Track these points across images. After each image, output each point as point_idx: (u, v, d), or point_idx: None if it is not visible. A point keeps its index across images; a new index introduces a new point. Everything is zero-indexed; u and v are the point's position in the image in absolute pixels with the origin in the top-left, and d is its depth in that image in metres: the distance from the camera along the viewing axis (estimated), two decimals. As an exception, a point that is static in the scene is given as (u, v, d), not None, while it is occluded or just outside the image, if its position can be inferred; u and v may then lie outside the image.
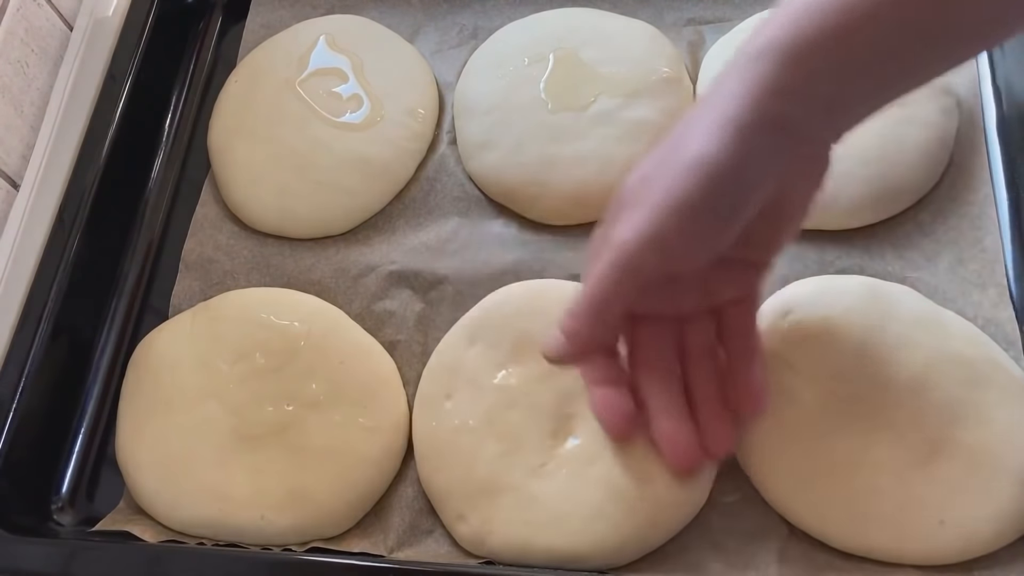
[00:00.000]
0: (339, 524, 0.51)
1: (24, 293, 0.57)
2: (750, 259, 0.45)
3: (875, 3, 0.38)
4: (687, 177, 0.40)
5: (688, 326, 0.47)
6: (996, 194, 0.56)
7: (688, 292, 0.46)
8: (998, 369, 0.50)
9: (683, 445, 0.46)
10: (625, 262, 0.42)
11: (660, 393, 0.47)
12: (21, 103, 0.65)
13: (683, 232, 0.40)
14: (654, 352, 0.47)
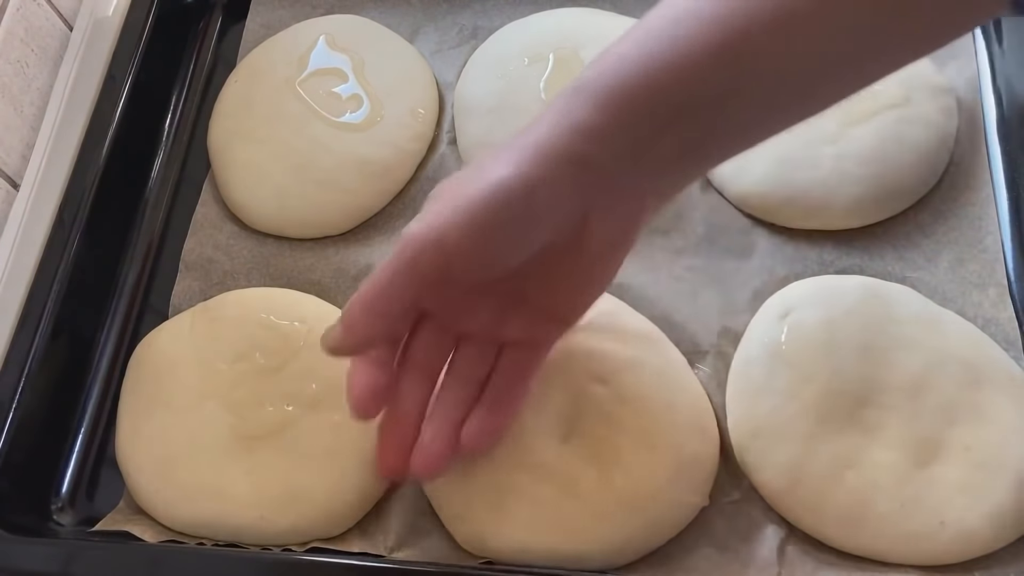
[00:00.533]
0: (339, 524, 0.51)
1: (24, 293, 0.57)
2: (551, 307, 0.45)
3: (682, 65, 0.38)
4: (480, 187, 0.40)
5: (465, 346, 0.46)
6: (996, 194, 0.56)
7: (476, 313, 0.45)
8: (998, 369, 0.50)
9: (392, 450, 0.46)
10: (407, 256, 0.41)
11: (408, 393, 0.46)
12: (21, 103, 0.65)
13: (463, 236, 0.40)
14: (422, 354, 0.46)
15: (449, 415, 0.46)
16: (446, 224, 0.41)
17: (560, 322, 0.46)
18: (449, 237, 0.41)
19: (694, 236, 0.58)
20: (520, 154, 0.40)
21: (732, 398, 0.52)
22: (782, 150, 0.56)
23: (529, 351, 0.47)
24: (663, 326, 0.54)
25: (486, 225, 0.40)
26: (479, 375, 0.46)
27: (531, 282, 0.44)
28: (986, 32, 0.61)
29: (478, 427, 0.46)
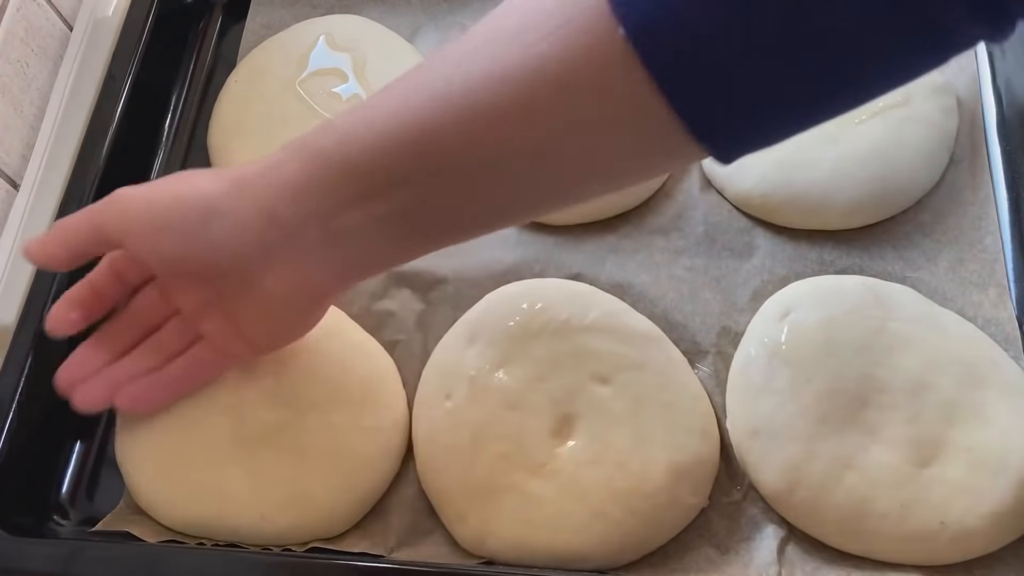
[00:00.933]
0: (339, 524, 0.51)
1: (24, 293, 0.57)
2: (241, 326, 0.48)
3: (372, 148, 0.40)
4: (182, 187, 0.45)
5: (173, 321, 0.51)
6: (996, 194, 0.56)
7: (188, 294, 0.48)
8: (998, 369, 0.50)
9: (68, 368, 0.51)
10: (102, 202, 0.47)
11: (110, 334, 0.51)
12: (21, 103, 0.65)
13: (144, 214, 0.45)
14: (137, 304, 0.51)
15: (126, 368, 0.50)
16: (139, 195, 0.46)
17: (247, 343, 0.49)
18: (129, 208, 0.46)
19: (694, 236, 0.58)
20: (230, 184, 0.44)
21: (732, 398, 0.52)
22: (782, 150, 0.56)
23: (215, 354, 0.50)
24: (663, 326, 0.54)
25: (161, 219, 0.45)
26: (170, 351, 0.51)
27: (226, 294, 0.47)
28: (986, 32, 0.61)
29: (136, 393, 0.50)
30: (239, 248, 0.44)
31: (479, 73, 0.37)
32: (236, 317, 0.47)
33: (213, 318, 0.48)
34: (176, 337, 0.50)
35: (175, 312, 0.50)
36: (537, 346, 0.52)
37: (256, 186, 0.43)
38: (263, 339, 0.49)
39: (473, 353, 0.53)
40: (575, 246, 0.58)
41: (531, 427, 0.50)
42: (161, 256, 0.46)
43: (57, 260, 0.49)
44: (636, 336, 0.53)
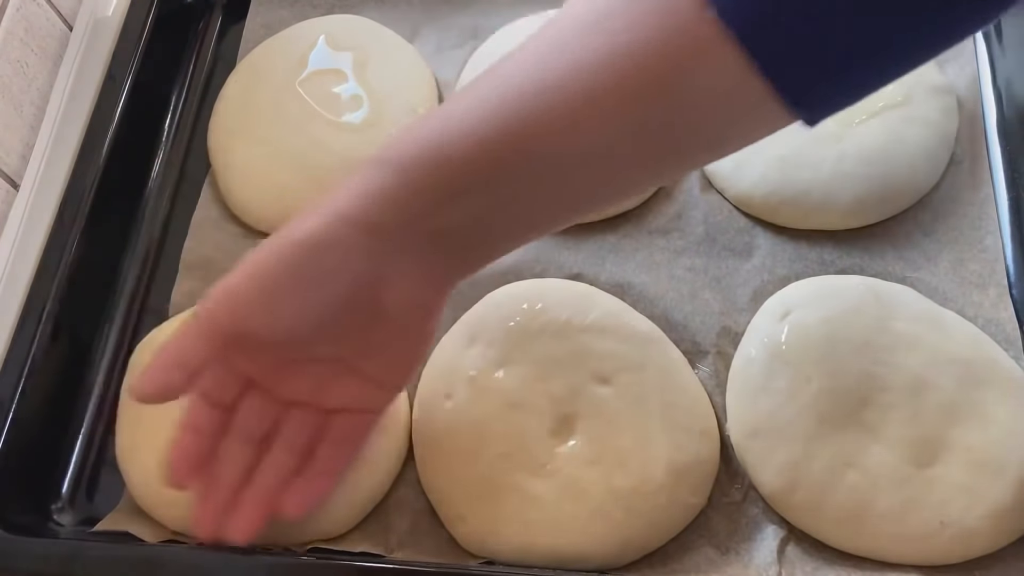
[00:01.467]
0: (339, 524, 0.51)
1: (24, 293, 0.57)
2: (372, 374, 0.46)
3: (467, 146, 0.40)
4: (272, 247, 0.42)
5: (291, 413, 0.47)
6: (996, 194, 0.56)
7: (300, 379, 0.46)
8: (998, 369, 0.50)
9: (209, 513, 0.46)
10: (204, 313, 0.43)
11: (231, 460, 0.46)
12: (21, 103, 0.65)
13: (252, 290, 0.42)
14: (245, 419, 0.46)
15: (267, 481, 0.46)
16: (237, 280, 0.43)
17: (383, 388, 0.47)
18: (238, 291, 0.43)
19: (694, 236, 0.58)
20: (315, 219, 0.42)
21: (732, 398, 0.52)
22: (782, 150, 0.56)
23: (356, 417, 0.47)
24: (663, 326, 0.54)
25: (274, 280, 0.42)
26: (302, 442, 0.47)
27: (347, 348, 0.45)
28: (986, 32, 0.61)
29: (300, 495, 0.46)
30: (355, 272, 0.42)
31: (569, 63, 0.38)
32: (364, 364, 0.45)
33: (339, 387, 0.46)
34: (300, 429, 0.47)
35: (278, 413, 0.47)
36: (537, 346, 0.52)
37: (351, 207, 0.42)
38: (395, 373, 0.47)
39: (473, 353, 0.53)
40: (575, 246, 0.58)
41: (531, 427, 0.50)
42: (284, 325, 0.43)
43: (174, 386, 0.44)
44: (636, 336, 0.53)
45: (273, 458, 0.47)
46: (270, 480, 0.46)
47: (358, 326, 0.44)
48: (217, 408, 0.46)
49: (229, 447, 0.47)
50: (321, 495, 0.47)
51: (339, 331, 0.44)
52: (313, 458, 0.47)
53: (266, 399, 0.46)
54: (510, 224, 0.43)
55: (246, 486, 0.46)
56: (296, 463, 0.47)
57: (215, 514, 0.46)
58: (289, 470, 0.47)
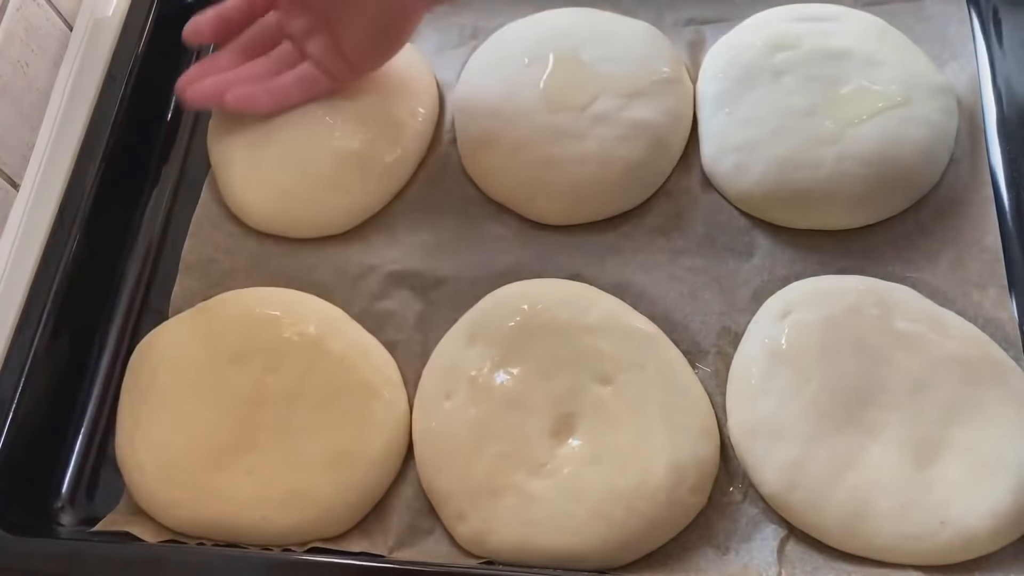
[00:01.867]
0: (339, 524, 0.51)
1: (24, 293, 0.57)
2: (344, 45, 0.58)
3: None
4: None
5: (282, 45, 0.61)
6: (996, 194, 0.56)
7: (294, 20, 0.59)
8: (998, 369, 0.50)
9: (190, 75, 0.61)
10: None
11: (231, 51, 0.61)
12: (21, 103, 0.65)
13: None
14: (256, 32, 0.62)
15: (237, 74, 0.60)
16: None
17: (347, 64, 0.59)
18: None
19: (694, 236, 0.58)
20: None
21: (732, 398, 0.52)
22: (782, 150, 0.56)
23: (318, 73, 0.60)
24: (663, 326, 0.54)
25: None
26: (279, 67, 0.60)
27: (332, 15, 0.57)
28: (986, 32, 0.61)
29: (243, 94, 0.59)
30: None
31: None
32: (340, 37, 0.57)
33: (319, 40, 0.58)
34: (285, 57, 0.60)
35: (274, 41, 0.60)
36: (537, 346, 0.52)
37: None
38: (361, 56, 0.59)
39: (473, 353, 0.53)
40: (575, 246, 0.58)
41: (531, 427, 0.50)
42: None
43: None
44: (636, 336, 0.53)
45: (252, 63, 0.61)
46: (240, 74, 0.60)
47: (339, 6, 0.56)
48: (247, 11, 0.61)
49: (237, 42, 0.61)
50: (256, 106, 0.60)
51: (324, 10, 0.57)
52: (273, 79, 0.60)
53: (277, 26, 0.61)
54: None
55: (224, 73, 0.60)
56: (262, 76, 0.60)
57: (191, 78, 0.61)
58: (257, 77, 0.60)
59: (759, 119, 0.58)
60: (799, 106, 0.57)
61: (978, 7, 0.62)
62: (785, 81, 0.58)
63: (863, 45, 0.59)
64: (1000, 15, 0.61)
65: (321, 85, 0.60)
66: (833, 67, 0.58)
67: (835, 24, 0.60)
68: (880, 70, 0.58)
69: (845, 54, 0.58)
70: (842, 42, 0.59)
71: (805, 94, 0.58)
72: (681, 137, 0.60)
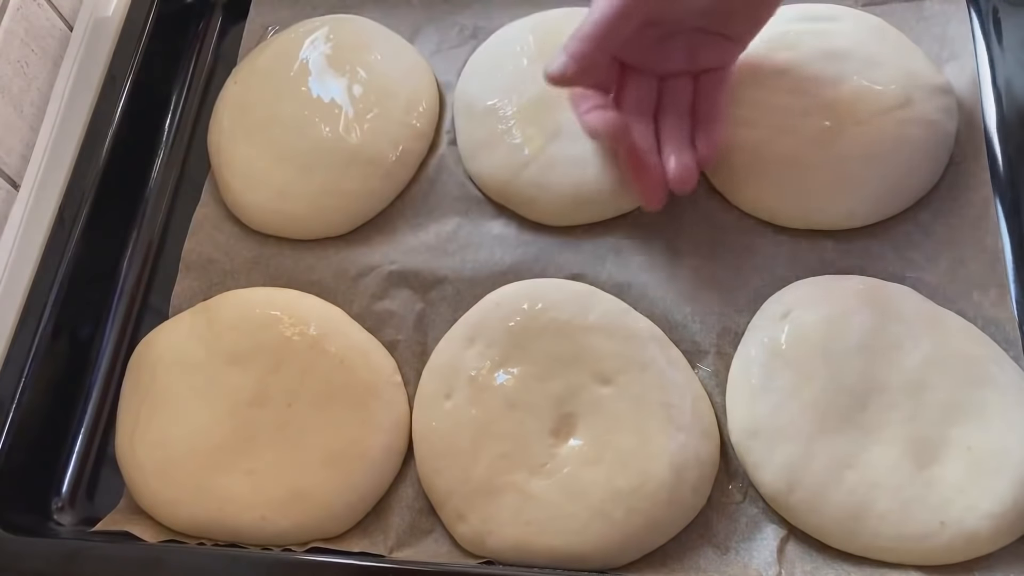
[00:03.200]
0: (339, 524, 0.51)
1: (24, 293, 0.57)
2: (731, 33, 0.54)
3: None
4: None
5: (669, 85, 0.55)
6: (996, 194, 0.56)
7: (674, 53, 0.54)
8: (998, 369, 0.50)
9: (651, 185, 0.54)
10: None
11: (640, 134, 0.54)
12: (21, 103, 0.65)
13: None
14: (636, 100, 0.55)
15: (680, 138, 0.54)
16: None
17: (737, 43, 0.55)
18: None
19: (694, 236, 0.58)
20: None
21: (732, 398, 0.52)
22: (782, 150, 0.56)
23: (717, 74, 0.55)
24: (663, 326, 0.54)
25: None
26: (685, 104, 0.55)
27: (713, 17, 0.52)
28: (986, 32, 0.61)
29: (706, 141, 0.54)
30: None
31: None
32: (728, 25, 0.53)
33: (708, 46, 0.54)
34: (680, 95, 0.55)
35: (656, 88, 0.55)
36: (537, 346, 0.52)
37: None
38: (752, 26, 0.54)
39: (473, 353, 0.53)
40: (575, 246, 0.58)
41: (531, 427, 0.50)
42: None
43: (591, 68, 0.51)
44: (637, 336, 0.53)
45: (669, 123, 0.55)
46: (679, 139, 0.54)
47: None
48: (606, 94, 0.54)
49: (634, 124, 0.54)
50: (720, 139, 0.55)
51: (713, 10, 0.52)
52: (699, 115, 0.55)
53: (643, 79, 0.55)
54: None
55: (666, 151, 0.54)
56: (687, 122, 0.55)
57: (656, 183, 0.54)
58: (686, 128, 0.55)
59: (758, 119, 0.58)
60: (798, 106, 0.57)
61: (978, 7, 0.62)
62: (785, 80, 0.58)
63: (863, 45, 0.59)
64: (1000, 15, 0.61)
65: (726, 80, 0.56)
66: (833, 67, 0.58)
67: (835, 24, 0.60)
68: (880, 70, 0.58)
69: (845, 54, 0.58)
70: (842, 42, 0.59)
71: (805, 94, 0.58)
72: (681, 137, 0.60)
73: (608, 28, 0.50)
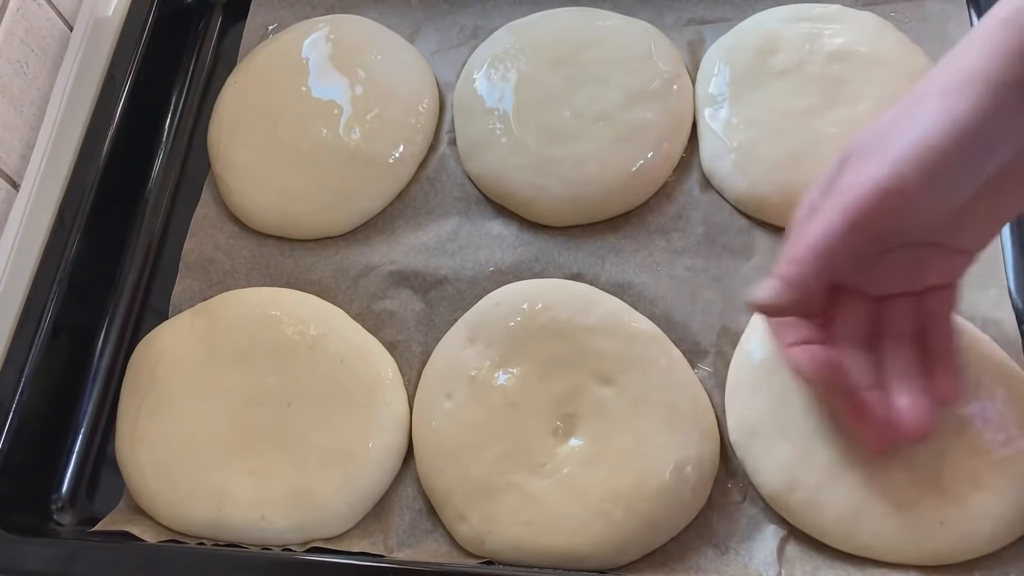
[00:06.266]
0: (339, 524, 0.51)
1: (24, 293, 0.57)
2: (963, 246, 0.44)
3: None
4: (932, 128, 0.39)
5: (888, 307, 0.46)
6: (996, 194, 0.56)
7: (894, 270, 0.45)
8: (998, 369, 0.50)
9: (877, 430, 0.45)
10: (859, 209, 0.41)
11: (859, 370, 0.45)
12: (21, 103, 0.65)
13: (925, 181, 0.39)
14: (851, 327, 0.46)
15: (908, 371, 0.45)
16: (902, 173, 0.39)
17: (968, 256, 0.45)
18: (909, 186, 0.39)
19: (694, 236, 0.58)
20: (967, 87, 0.39)
21: (732, 398, 0.52)
22: (782, 150, 0.56)
23: (944, 291, 0.46)
24: (663, 326, 0.54)
25: (944, 165, 0.39)
26: (910, 330, 0.46)
27: (946, 227, 0.42)
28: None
29: (944, 373, 0.45)
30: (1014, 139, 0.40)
31: None
32: (960, 237, 0.43)
33: (932, 262, 0.44)
34: (903, 318, 0.45)
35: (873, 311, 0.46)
36: (537, 346, 0.52)
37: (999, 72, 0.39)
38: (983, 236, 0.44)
39: (473, 353, 0.53)
40: (575, 246, 0.58)
41: (531, 427, 0.50)
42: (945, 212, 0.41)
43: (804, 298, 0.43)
44: (637, 336, 0.53)
45: (896, 355, 0.45)
46: (909, 372, 0.45)
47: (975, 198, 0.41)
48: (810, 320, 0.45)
49: (852, 357, 0.45)
50: (956, 370, 0.45)
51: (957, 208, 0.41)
52: (927, 344, 0.45)
53: (858, 302, 0.46)
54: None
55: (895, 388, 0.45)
56: (915, 351, 0.45)
57: (883, 428, 0.45)
58: (913, 360, 0.45)
59: (758, 119, 0.58)
60: (798, 106, 0.57)
61: (978, 7, 0.62)
62: (785, 81, 0.58)
63: (863, 45, 0.59)
64: (1000, 15, 0.61)
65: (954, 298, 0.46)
66: (833, 67, 0.58)
67: (835, 24, 0.60)
68: (880, 70, 0.58)
69: (845, 54, 0.58)
70: (842, 42, 0.59)
71: (804, 94, 0.58)
72: (681, 137, 0.60)
73: (833, 247, 0.41)
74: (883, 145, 0.41)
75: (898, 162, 0.40)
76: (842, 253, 0.42)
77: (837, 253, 0.42)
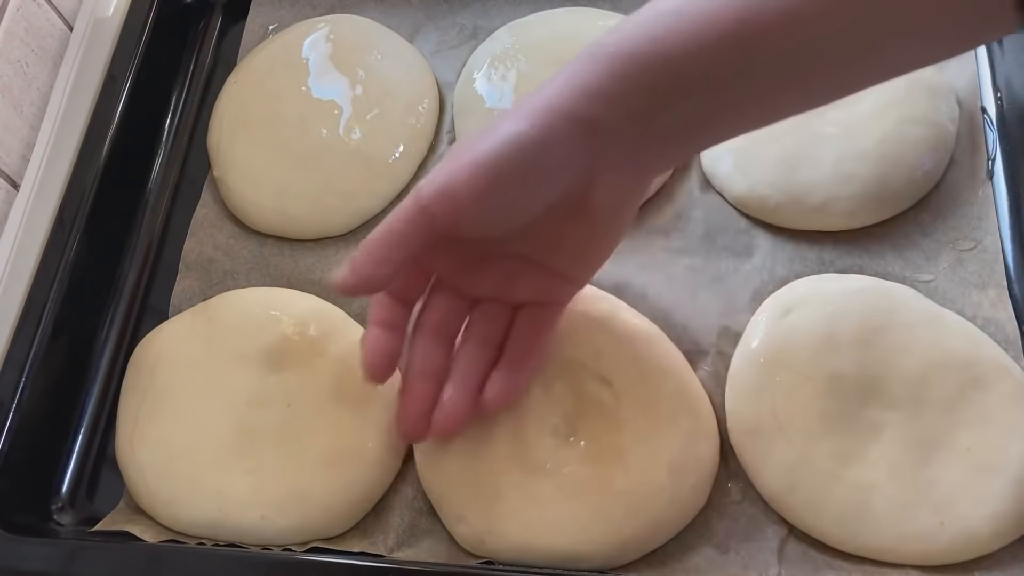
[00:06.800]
0: (339, 524, 0.51)
1: (24, 293, 0.57)
2: (560, 269, 0.47)
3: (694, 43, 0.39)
4: (491, 142, 0.42)
5: (479, 310, 0.48)
6: (996, 194, 0.56)
7: (488, 276, 0.47)
8: (998, 369, 0.50)
9: (411, 413, 0.47)
10: (415, 207, 0.43)
11: (424, 356, 0.47)
12: (21, 103, 0.65)
13: (474, 187, 0.41)
14: (438, 318, 0.48)
15: (467, 375, 0.47)
16: (457, 175, 0.42)
17: (569, 283, 0.48)
18: (459, 187, 0.42)
19: (694, 236, 0.58)
20: (531, 112, 0.41)
21: (732, 398, 0.52)
22: (782, 151, 0.56)
23: (542, 311, 0.48)
24: (663, 326, 0.54)
25: (496, 177, 0.41)
26: (494, 337, 0.48)
27: (538, 244, 0.45)
28: (986, 32, 0.61)
29: (499, 386, 0.47)
30: (575, 169, 0.42)
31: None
32: (554, 259, 0.46)
33: (525, 281, 0.47)
34: (491, 324, 0.48)
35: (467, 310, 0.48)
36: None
37: (568, 103, 0.41)
38: (584, 266, 0.48)
39: (473, 353, 0.53)
40: (574, 246, 0.58)
41: (531, 427, 0.50)
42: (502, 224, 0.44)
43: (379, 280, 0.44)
44: (636, 336, 0.53)
45: (466, 352, 0.47)
46: (466, 374, 0.47)
47: (557, 221, 0.44)
48: (406, 305, 0.47)
49: (422, 344, 0.47)
50: (519, 387, 0.48)
51: (540, 227, 0.44)
52: (504, 351, 0.48)
53: (453, 297, 0.48)
54: (734, 121, 0.43)
55: (447, 382, 0.47)
56: (488, 356, 0.48)
57: (416, 414, 0.47)
58: (484, 364, 0.47)
59: (759, 119, 0.58)
60: (799, 106, 0.57)
61: (978, 7, 0.62)
62: (785, 81, 0.58)
63: (863, 45, 0.59)
64: (1000, 15, 0.61)
65: (549, 325, 0.49)
66: (833, 67, 0.58)
67: (835, 24, 0.60)
68: (880, 70, 0.58)
69: (845, 54, 0.58)
70: (842, 42, 0.59)
71: (805, 94, 0.58)
72: (681, 137, 0.60)
73: (400, 237, 0.43)
74: (459, 153, 0.43)
75: (457, 168, 0.42)
76: (403, 245, 0.43)
77: (397, 245, 0.43)
